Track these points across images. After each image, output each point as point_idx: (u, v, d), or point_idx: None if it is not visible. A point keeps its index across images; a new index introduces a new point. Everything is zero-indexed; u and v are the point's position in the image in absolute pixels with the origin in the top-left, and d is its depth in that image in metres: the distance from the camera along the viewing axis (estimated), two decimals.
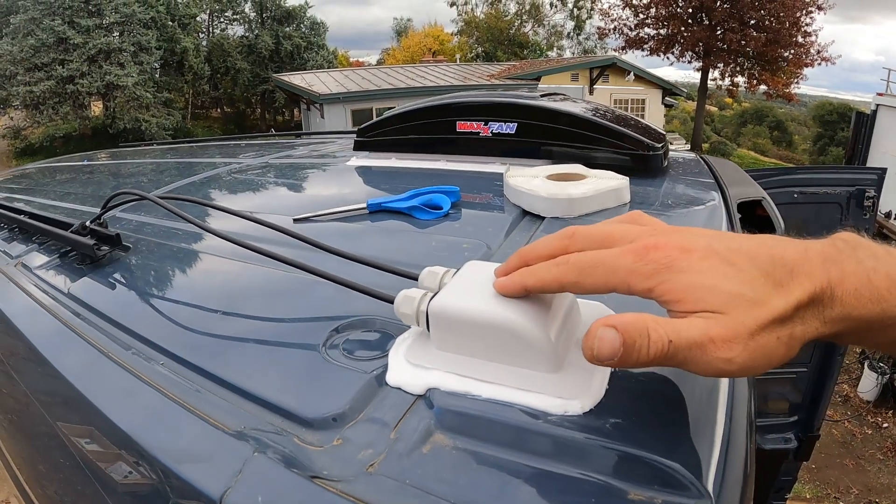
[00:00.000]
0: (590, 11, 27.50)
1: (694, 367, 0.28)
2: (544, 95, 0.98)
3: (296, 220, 0.70)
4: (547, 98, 0.96)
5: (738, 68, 17.85)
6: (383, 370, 0.37)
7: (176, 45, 17.69)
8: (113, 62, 15.62)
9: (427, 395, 0.35)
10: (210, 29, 21.45)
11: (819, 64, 17.10)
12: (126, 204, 0.83)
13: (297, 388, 0.37)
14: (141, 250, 0.66)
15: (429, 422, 0.33)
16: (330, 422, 0.33)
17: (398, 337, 0.40)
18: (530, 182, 0.71)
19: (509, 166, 0.84)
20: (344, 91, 12.80)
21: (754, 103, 27.94)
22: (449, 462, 0.30)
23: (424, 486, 0.28)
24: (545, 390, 0.33)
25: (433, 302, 0.36)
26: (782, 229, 0.82)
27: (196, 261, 0.66)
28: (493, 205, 0.76)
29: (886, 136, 9.77)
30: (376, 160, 1.05)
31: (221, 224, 0.73)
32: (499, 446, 0.30)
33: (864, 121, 10.45)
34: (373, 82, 13.71)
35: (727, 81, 18.50)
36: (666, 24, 18.06)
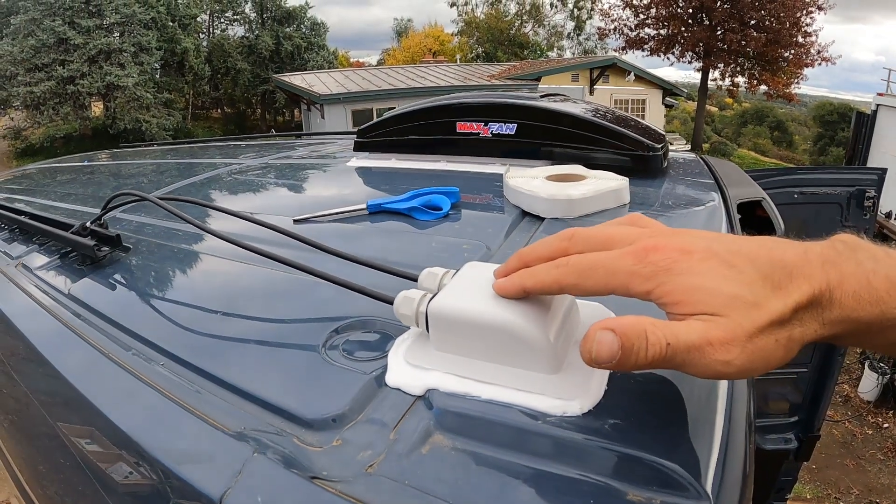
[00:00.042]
0: (590, 12, 27.54)
1: (692, 370, 0.28)
2: (544, 96, 0.98)
3: (296, 221, 0.70)
4: (547, 99, 0.96)
5: (739, 68, 17.86)
6: (383, 371, 0.37)
7: (176, 46, 17.70)
8: (113, 63, 15.63)
9: (426, 396, 0.35)
10: (210, 29, 21.47)
11: (819, 64, 17.12)
12: (126, 205, 0.83)
13: (297, 389, 0.37)
14: (141, 251, 0.67)
15: (428, 422, 0.33)
16: (329, 422, 0.34)
17: (398, 338, 0.40)
18: (530, 183, 0.71)
19: (509, 167, 0.84)
20: (344, 91, 12.80)
21: (755, 103, 27.94)
22: (448, 463, 0.30)
23: (424, 487, 0.28)
24: (544, 391, 0.33)
25: (432, 303, 0.36)
26: (782, 230, 0.82)
27: (196, 262, 0.66)
28: (493, 205, 0.76)
29: (887, 137, 9.76)
30: (376, 161, 1.05)
31: (221, 225, 0.73)
32: (498, 447, 0.30)
33: (865, 121, 10.44)
34: (373, 83, 13.71)
35: (727, 82, 18.51)
36: (666, 25, 18.07)
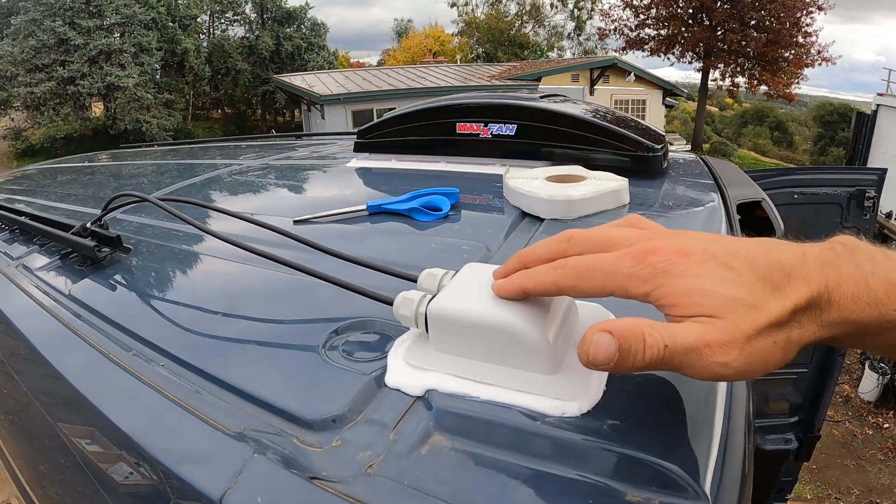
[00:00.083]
0: (590, 12, 27.56)
1: (690, 372, 0.28)
2: (544, 97, 0.98)
3: (296, 222, 0.70)
4: (546, 99, 0.96)
5: (739, 69, 17.86)
6: (382, 372, 0.37)
7: (177, 47, 17.71)
8: (114, 63, 15.64)
9: (426, 397, 0.35)
10: (211, 30, 21.48)
11: (819, 64, 17.13)
12: (127, 205, 0.84)
13: (297, 390, 0.37)
14: (142, 252, 0.67)
15: (427, 423, 0.33)
16: (329, 423, 0.34)
17: (397, 338, 0.40)
18: (530, 183, 0.71)
19: (509, 168, 0.84)
20: (344, 92, 12.81)
21: (755, 104, 27.93)
22: (447, 463, 0.30)
23: (423, 487, 0.28)
24: (543, 392, 0.33)
25: (432, 304, 0.36)
26: (781, 230, 0.82)
27: (196, 263, 0.66)
28: (493, 206, 0.76)
29: (887, 137, 9.75)
30: (376, 161, 1.05)
31: (222, 226, 0.73)
32: (497, 448, 0.31)
33: (865, 121, 10.44)
34: (373, 83, 13.71)
35: (728, 82, 18.51)
36: (666, 25, 18.07)
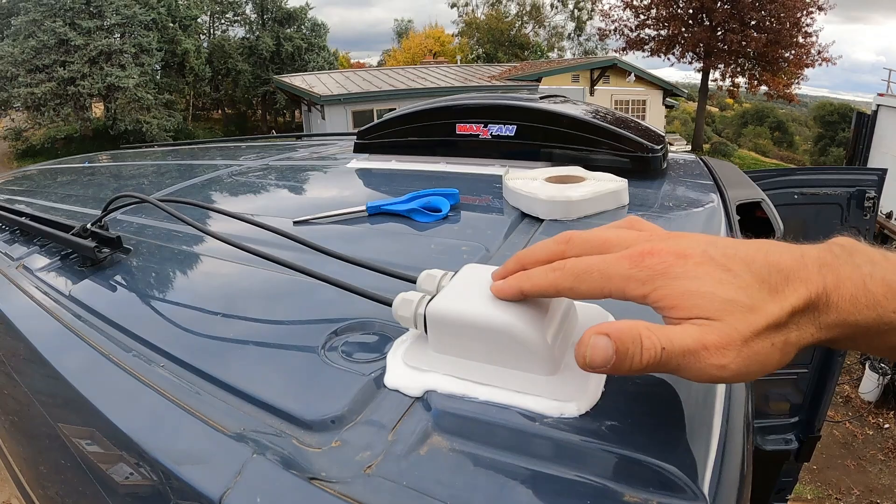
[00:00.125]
0: (590, 13, 27.60)
1: (687, 374, 0.28)
2: (543, 97, 0.98)
3: (296, 223, 0.70)
4: (546, 100, 0.96)
5: (739, 69, 17.87)
6: (381, 372, 0.37)
7: (177, 47, 17.72)
8: (114, 64, 15.65)
9: (425, 398, 0.35)
10: (211, 30, 21.48)
11: (820, 64, 17.15)
12: (127, 206, 0.84)
13: (296, 391, 0.38)
14: (142, 253, 0.67)
15: (426, 424, 0.33)
16: (328, 424, 0.34)
17: (396, 339, 0.40)
18: (529, 184, 0.71)
19: (508, 168, 0.84)
20: (345, 92, 12.80)
21: (755, 104, 27.93)
22: (446, 464, 0.30)
23: (422, 488, 0.28)
24: (542, 393, 0.33)
25: (431, 305, 0.36)
26: (781, 231, 0.82)
27: (196, 263, 0.66)
28: (492, 207, 0.76)
29: (887, 137, 9.74)
30: (376, 162, 1.05)
31: (222, 227, 0.73)
32: (495, 448, 0.31)
33: (865, 121, 10.42)
34: (374, 84, 13.72)
35: (728, 82, 18.53)
36: (666, 25, 18.08)
